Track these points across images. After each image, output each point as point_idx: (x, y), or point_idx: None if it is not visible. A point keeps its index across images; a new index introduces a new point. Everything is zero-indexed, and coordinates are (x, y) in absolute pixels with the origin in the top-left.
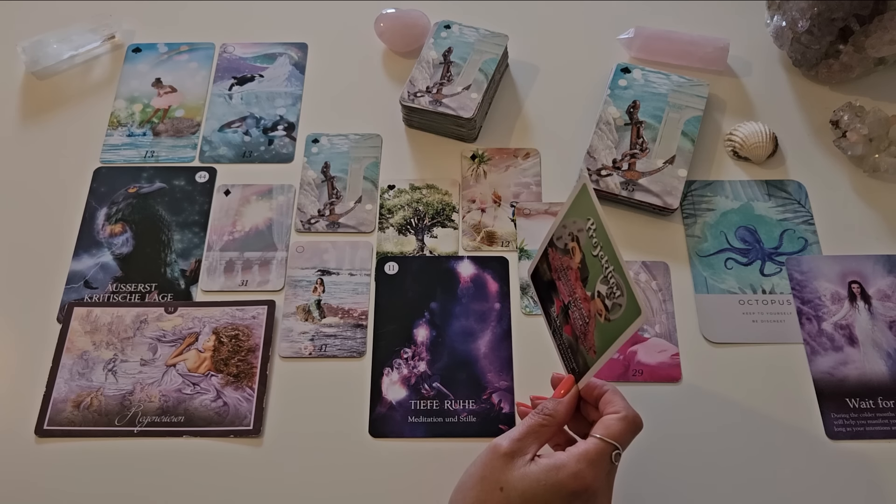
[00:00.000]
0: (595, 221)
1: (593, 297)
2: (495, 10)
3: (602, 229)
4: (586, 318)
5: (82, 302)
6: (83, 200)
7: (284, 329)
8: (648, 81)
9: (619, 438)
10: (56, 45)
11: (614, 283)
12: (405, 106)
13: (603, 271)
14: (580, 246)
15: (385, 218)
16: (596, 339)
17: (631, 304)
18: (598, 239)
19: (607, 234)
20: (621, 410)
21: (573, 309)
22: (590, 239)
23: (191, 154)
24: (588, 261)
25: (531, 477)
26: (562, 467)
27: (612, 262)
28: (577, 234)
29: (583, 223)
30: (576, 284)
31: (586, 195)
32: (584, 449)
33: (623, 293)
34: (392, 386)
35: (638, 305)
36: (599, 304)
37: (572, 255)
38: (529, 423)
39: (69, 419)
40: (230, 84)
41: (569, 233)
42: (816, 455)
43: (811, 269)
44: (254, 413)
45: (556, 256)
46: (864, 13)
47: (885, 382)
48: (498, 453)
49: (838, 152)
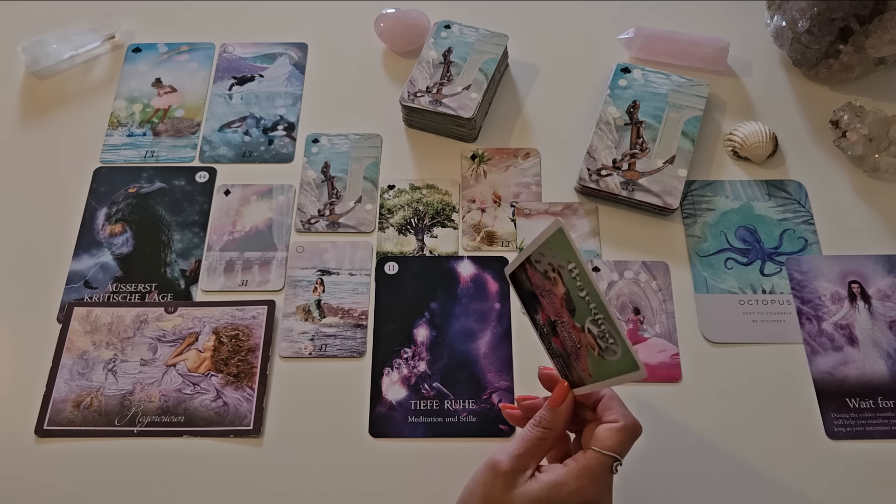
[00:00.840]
0: (576, 266)
1: (583, 330)
2: (495, 10)
3: (585, 276)
4: (577, 344)
5: (82, 302)
6: (83, 200)
7: (284, 329)
8: (648, 81)
9: (619, 449)
10: (56, 45)
11: (606, 331)
12: (405, 106)
13: (591, 314)
14: (563, 280)
15: (385, 218)
16: (590, 365)
17: (627, 357)
18: (581, 283)
19: (592, 283)
20: (620, 419)
21: (561, 328)
22: (573, 280)
23: (191, 154)
24: (573, 297)
25: (533, 496)
26: (563, 485)
27: (600, 310)
28: (557, 268)
29: (563, 262)
30: (562, 311)
31: (562, 238)
32: (584, 464)
33: (617, 343)
34: (392, 386)
35: (636, 362)
36: (591, 339)
37: (555, 284)
38: (528, 436)
39: (69, 419)
40: (230, 84)
41: (548, 263)
42: (816, 455)
43: (811, 269)
44: (254, 413)
45: (537, 276)
46: (864, 13)
47: (885, 382)
48: (498, 472)
49: (838, 152)
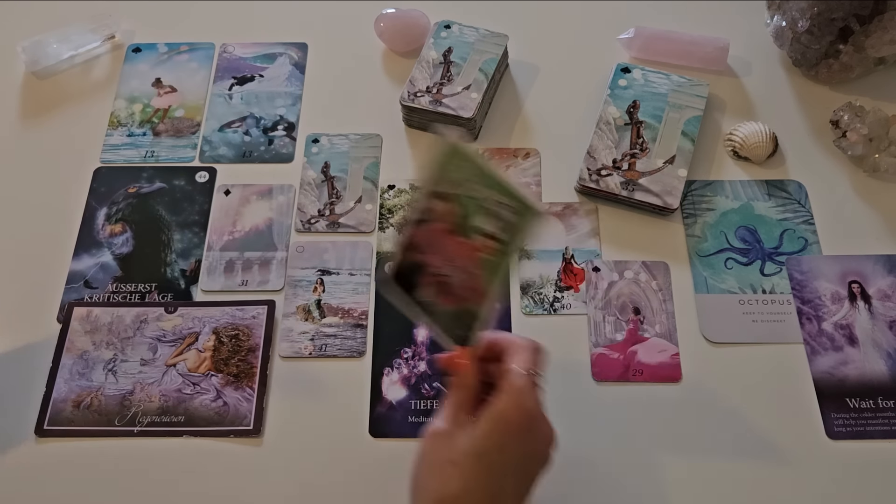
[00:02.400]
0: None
1: (475, 240)
2: (495, 10)
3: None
4: (467, 269)
5: (82, 302)
6: (83, 200)
7: (284, 329)
8: (648, 81)
9: (531, 363)
10: (56, 45)
11: (493, 206)
12: (405, 106)
13: (480, 204)
14: (446, 199)
15: (385, 218)
16: (484, 280)
17: (523, 210)
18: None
19: (479, 164)
20: (521, 343)
21: (450, 271)
22: (458, 184)
23: (191, 154)
24: (462, 207)
25: (477, 435)
26: (500, 411)
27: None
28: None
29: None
30: (449, 242)
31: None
32: (508, 383)
33: (510, 205)
34: (392, 386)
35: (532, 205)
36: (482, 240)
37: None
38: (450, 400)
39: (69, 419)
40: (230, 84)
41: (431, 194)
42: (816, 455)
43: (811, 268)
44: (254, 413)
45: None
46: (864, 13)
47: (885, 382)
48: (437, 434)
49: (838, 152)
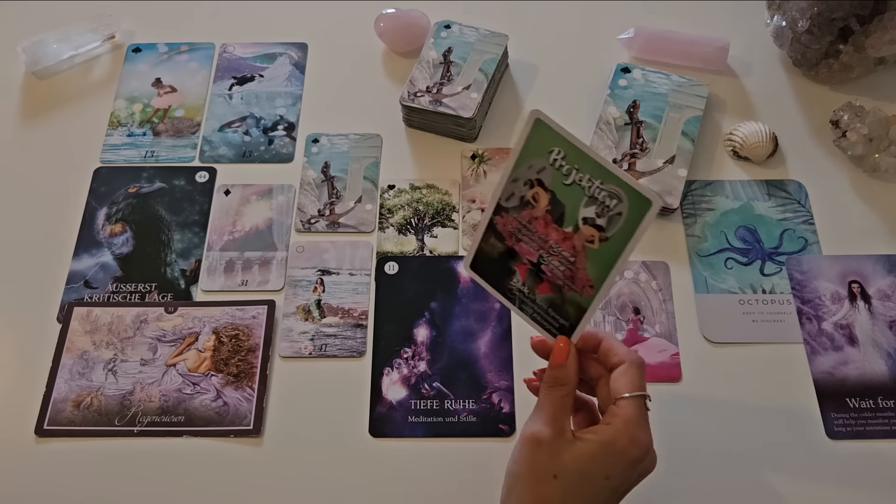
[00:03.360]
0: (562, 149)
1: (577, 230)
2: (495, 10)
3: (575, 150)
4: (570, 259)
5: (82, 302)
6: (83, 200)
7: (284, 329)
8: (648, 81)
9: (640, 386)
10: (56, 45)
11: (605, 196)
12: (405, 106)
13: (586, 193)
14: (545, 187)
15: (385, 218)
16: (590, 271)
17: (636, 200)
18: (569, 164)
19: (584, 151)
20: (625, 358)
21: (548, 260)
22: (558, 171)
23: (191, 154)
24: (561, 195)
25: (586, 456)
26: (617, 440)
27: (597, 176)
28: (536, 178)
29: (542, 161)
30: (547, 230)
31: (543, 128)
32: (626, 415)
33: (622, 199)
34: (392, 386)
35: (646, 196)
36: (588, 230)
37: (535, 204)
38: (551, 398)
39: (69, 419)
40: (230, 84)
41: (525, 181)
42: (816, 455)
43: (811, 268)
44: (254, 413)
45: (510, 220)
46: (864, 13)
47: (885, 382)
48: (541, 443)
49: (838, 152)
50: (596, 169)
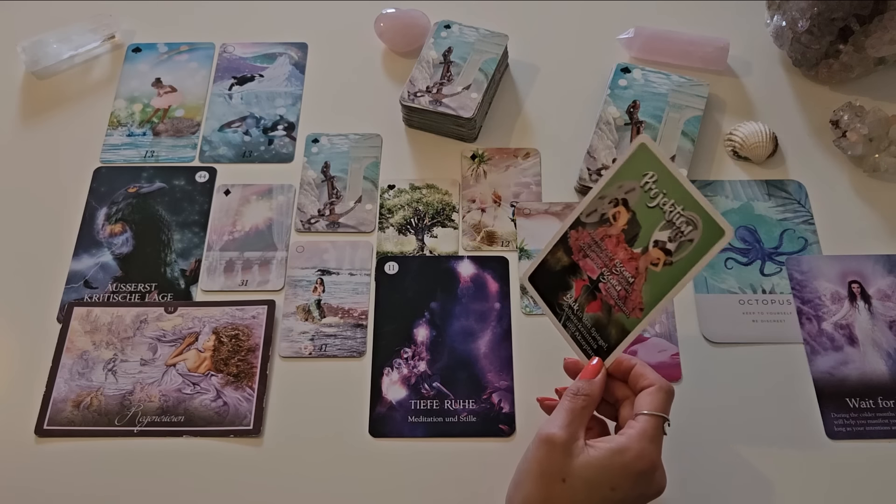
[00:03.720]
0: (656, 173)
1: (645, 251)
2: (495, 10)
3: (669, 175)
4: (629, 279)
5: (82, 302)
6: (83, 200)
7: (284, 329)
8: (648, 81)
9: (664, 408)
10: (56, 45)
11: (682, 222)
12: (405, 106)
13: (665, 217)
14: (628, 207)
15: (385, 218)
16: (645, 294)
17: (710, 228)
18: (658, 189)
19: (677, 177)
20: (655, 382)
21: (607, 278)
22: (646, 193)
23: (191, 154)
24: (641, 216)
25: (595, 464)
26: (626, 450)
27: (680, 202)
28: (622, 198)
29: (634, 183)
30: (616, 249)
31: (645, 152)
32: (641, 428)
33: (697, 226)
34: (392, 386)
35: (720, 226)
36: (656, 252)
37: (613, 222)
38: (571, 407)
39: (69, 419)
40: (230, 84)
41: (610, 199)
42: (816, 455)
43: (811, 268)
44: (254, 413)
45: (584, 234)
46: (864, 13)
47: (885, 382)
48: (554, 444)
49: (838, 152)
50: (683, 195)
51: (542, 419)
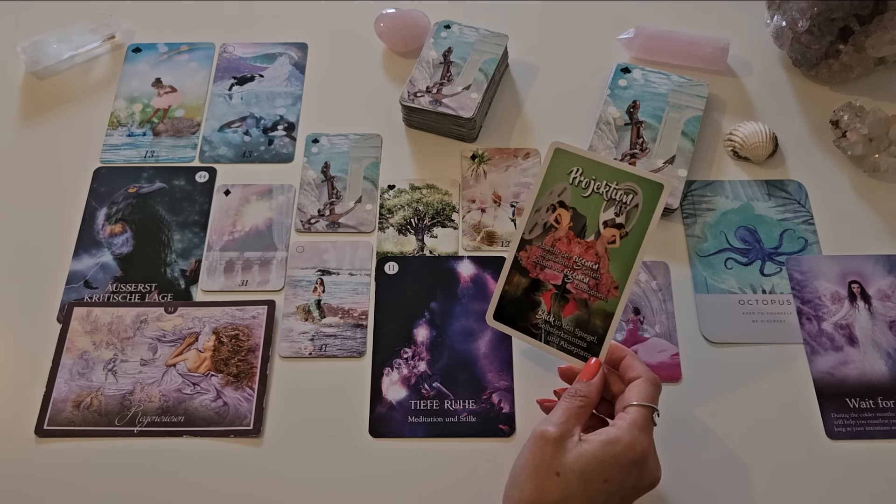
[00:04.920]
0: (580, 166)
1: (598, 236)
2: (495, 10)
3: (591, 162)
4: (594, 267)
5: (82, 302)
6: (83, 200)
7: (284, 329)
8: (648, 81)
9: (652, 399)
10: (56, 45)
11: (621, 194)
12: (405, 106)
13: (604, 198)
14: (566, 206)
15: (385, 218)
16: (613, 271)
17: (649, 188)
18: (587, 177)
19: (599, 161)
20: (642, 374)
21: (572, 277)
22: (577, 187)
23: (191, 154)
24: (581, 208)
25: (587, 455)
26: (617, 441)
27: (612, 179)
28: (557, 201)
29: (563, 183)
30: (570, 248)
31: (562, 154)
32: (631, 419)
33: (637, 191)
34: (392, 386)
35: (656, 182)
36: (609, 231)
37: (557, 226)
38: (567, 406)
39: (69, 419)
40: (230, 84)
41: (547, 207)
42: (816, 455)
43: (811, 269)
44: (254, 413)
45: (534, 250)
46: (864, 13)
47: (885, 382)
48: (548, 440)
49: (838, 152)
50: (611, 173)
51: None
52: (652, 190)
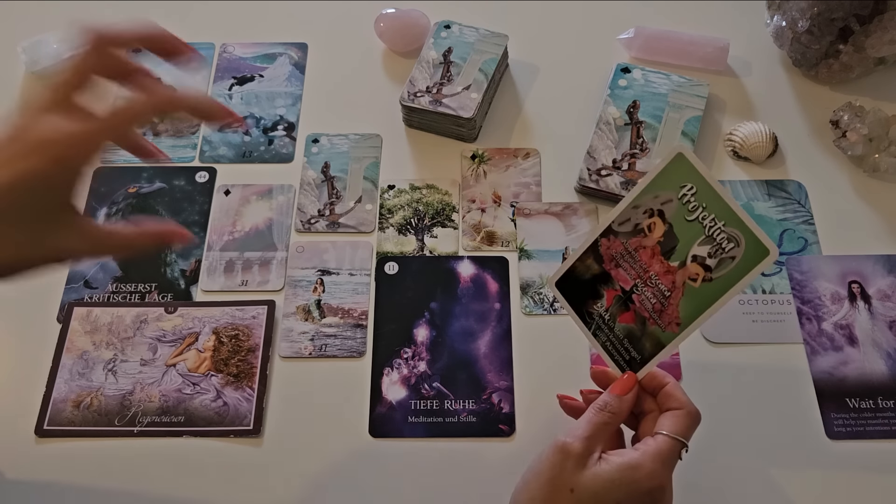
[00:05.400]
0: (695, 185)
1: (682, 265)
2: (495, 10)
3: (709, 188)
4: (666, 293)
5: (82, 302)
6: (83, 200)
7: (284, 329)
8: (648, 81)
9: (686, 434)
10: (56, 45)
11: (723, 238)
12: (405, 106)
13: (704, 232)
14: (664, 219)
15: (385, 218)
16: (682, 309)
17: (753, 247)
18: (697, 202)
19: (717, 192)
20: (684, 406)
21: (641, 290)
22: (684, 206)
23: (191, 154)
24: (678, 229)
25: (604, 477)
26: (637, 467)
27: (721, 218)
28: (658, 209)
29: (671, 194)
30: (651, 261)
31: (683, 162)
32: (657, 448)
33: (739, 244)
34: (392, 386)
35: (765, 245)
36: (695, 267)
37: (648, 233)
38: (594, 421)
39: (69, 419)
40: (230, 84)
41: (645, 209)
42: (816, 455)
43: (811, 269)
44: (254, 413)
45: (616, 243)
46: (864, 13)
47: (885, 382)
48: (569, 454)
49: (838, 152)
50: (724, 210)
51: (543, 419)
52: (756, 249)
